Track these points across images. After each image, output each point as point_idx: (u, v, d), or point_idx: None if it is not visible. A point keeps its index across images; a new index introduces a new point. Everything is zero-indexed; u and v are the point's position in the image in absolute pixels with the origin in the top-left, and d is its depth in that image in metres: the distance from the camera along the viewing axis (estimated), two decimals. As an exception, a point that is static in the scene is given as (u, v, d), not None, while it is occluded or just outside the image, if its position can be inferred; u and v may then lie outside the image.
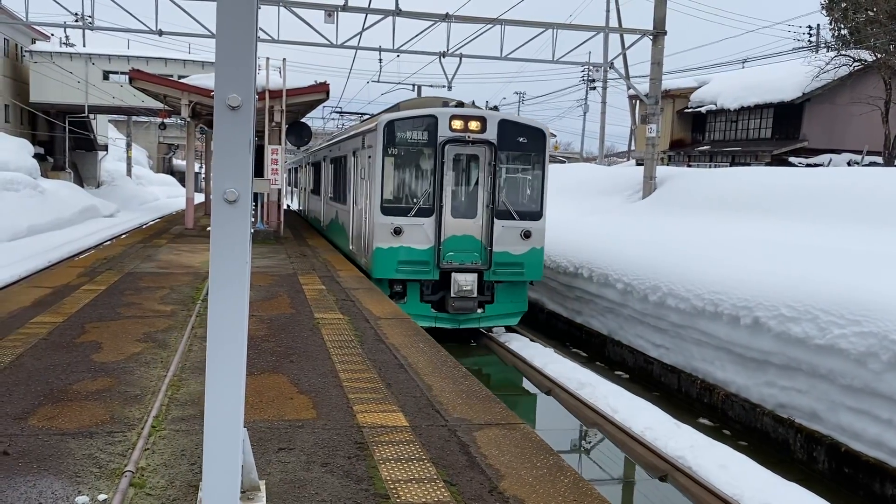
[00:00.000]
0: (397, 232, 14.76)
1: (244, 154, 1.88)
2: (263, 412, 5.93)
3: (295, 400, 6.31)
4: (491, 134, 14.89)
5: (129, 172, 58.96)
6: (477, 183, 15.15)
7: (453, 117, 14.80)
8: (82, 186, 45.51)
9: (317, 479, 4.68)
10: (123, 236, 25.67)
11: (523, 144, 15.21)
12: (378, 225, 14.90)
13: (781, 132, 38.52)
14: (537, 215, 15.41)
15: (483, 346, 16.22)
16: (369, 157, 15.67)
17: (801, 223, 15.65)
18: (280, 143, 22.09)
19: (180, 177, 79.78)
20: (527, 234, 15.19)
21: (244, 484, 4.06)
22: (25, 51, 44.91)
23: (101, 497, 4.31)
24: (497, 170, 14.92)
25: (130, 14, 22.92)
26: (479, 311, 15.40)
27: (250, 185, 1.92)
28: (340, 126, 37.68)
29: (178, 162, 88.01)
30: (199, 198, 38.42)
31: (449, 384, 6.94)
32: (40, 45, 45.63)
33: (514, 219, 15.16)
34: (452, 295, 14.93)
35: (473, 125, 14.82)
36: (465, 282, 14.89)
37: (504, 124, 15.06)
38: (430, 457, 5.12)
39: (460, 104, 15.92)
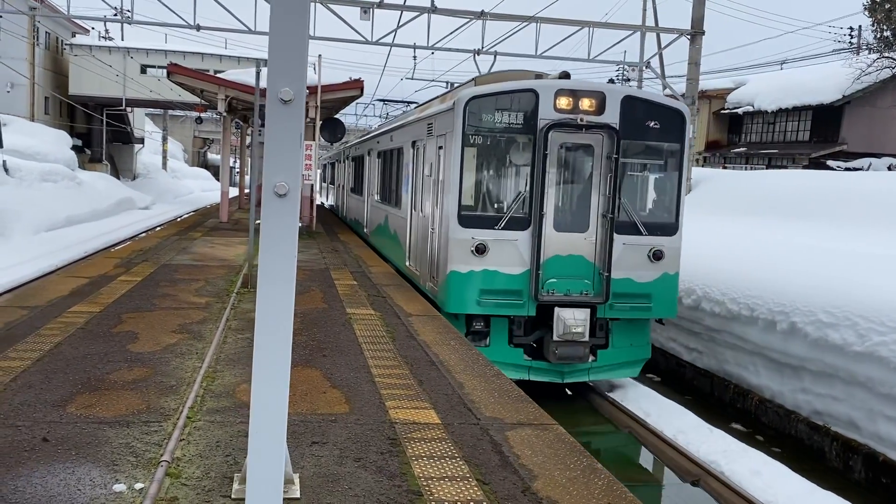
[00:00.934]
0: (480, 250, 10.89)
1: (295, 148, 1.88)
2: (297, 406, 5.96)
3: (328, 394, 6.33)
4: (611, 116, 10.98)
5: (164, 165, 59.72)
6: (590, 183, 11.21)
7: (560, 93, 10.91)
8: (118, 178, 46.20)
9: (350, 474, 4.69)
10: (158, 228, 26.00)
11: (655, 131, 11.27)
12: (454, 241, 11.01)
13: (819, 135, 37.94)
14: (671, 229, 11.39)
15: (582, 397, 12.56)
16: (440, 147, 12.04)
17: (843, 228, 15.39)
18: (314, 140, 22.21)
19: (214, 171, 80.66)
20: (657, 255, 11.22)
21: (278, 477, 4.08)
22: (66, 44, 45.66)
23: (138, 486, 4.36)
24: (619, 165, 10.96)
25: (169, 8, 23.21)
26: (591, 358, 11.48)
27: (300, 178, 1.92)
28: (383, 116, 34.17)
29: (213, 156, 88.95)
30: (234, 192, 38.80)
31: (481, 382, 6.92)
32: (80, 39, 46.38)
33: (641, 233, 11.18)
34: (556, 338, 10.92)
35: (587, 104, 10.92)
36: (573, 320, 10.86)
37: (630, 103, 11.13)
38: (462, 455, 5.11)
39: (565, 75, 11.61)
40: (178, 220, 30.82)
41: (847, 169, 31.98)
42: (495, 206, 11.31)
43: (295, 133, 1.88)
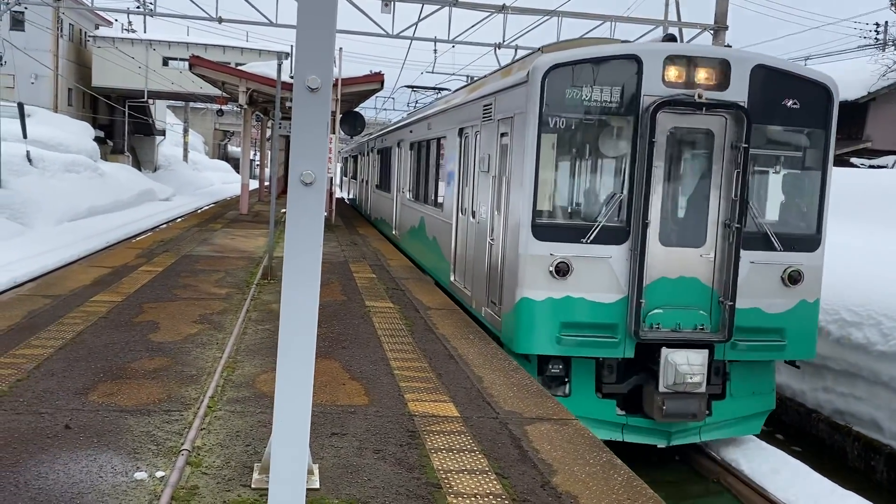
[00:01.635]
0: (561, 271, 8.18)
1: (322, 136, 1.87)
2: (316, 396, 5.96)
3: (347, 386, 6.34)
4: (738, 91, 8.28)
5: (185, 157, 60.12)
6: (708, 183, 8.48)
7: (672, 60, 8.26)
8: (140, 170, 46.57)
9: (369, 466, 4.70)
10: (179, 220, 26.20)
11: (794, 113, 8.54)
12: (526, 258, 8.26)
13: (843, 132, 37.52)
14: (812, 242, 8.67)
15: (686, 461, 9.69)
16: (503, 134, 9.25)
17: (869, 225, 15.11)
18: (334, 133, 22.26)
19: (234, 163, 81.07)
20: (793, 278, 8.51)
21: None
22: (89, 36, 46.03)
23: (159, 474, 4.38)
24: (748, 158, 8.24)
25: (192, 1, 23.30)
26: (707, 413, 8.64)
27: (326, 167, 1.90)
28: (412, 105, 29.29)
29: (233, 148, 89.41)
30: (254, 184, 38.99)
31: (500, 377, 6.91)
32: (103, 31, 46.76)
33: (774, 248, 8.46)
34: (663, 388, 8.21)
35: (706, 75, 8.27)
36: (686, 365, 8.12)
37: (763, 74, 8.38)
38: (481, 448, 5.10)
39: (671, 38, 9.60)
40: (199, 211, 31.03)
41: (871, 166, 31.63)
42: (581, 212, 8.59)
43: (322, 121, 1.87)
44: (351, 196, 40.00)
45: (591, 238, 8.17)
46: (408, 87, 27.34)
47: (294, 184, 1.90)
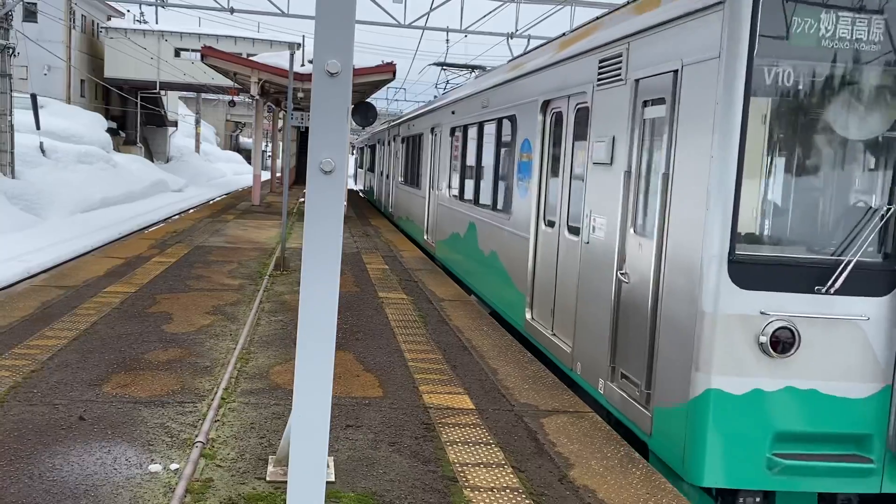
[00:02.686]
0: (783, 344, 4.75)
1: (342, 123, 1.81)
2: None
3: (361, 377, 6.30)
4: None
5: (197, 149, 60.23)
6: None
7: None
8: (152, 161, 46.68)
9: (385, 458, 4.65)
10: (192, 211, 26.25)
11: None
12: (718, 318, 4.76)
13: None
14: None
15: None
16: (652, 103, 5.76)
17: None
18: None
19: (246, 154, 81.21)
20: None
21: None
22: (101, 27, 46.10)
23: (174, 466, 4.35)
24: None
25: (203, -9, 23.27)
26: None
27: (346, 155, 1.85)
28: (441, 86, 24.18)
29: (245, 139, 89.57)
30: (265, 176, 39.01)
31: (514, 368, 6.85)
32: (115, 22, 46.83)
33: None
34: None
35: None
36: None
37: None
38: (497, 441, 5.05)
39: None
40: (211, 202, 31.08)
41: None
42: (813, 239, 4.96)
43: (342, 107, 1.82)
44: (366, 189, 37.45)
45: (836, 286, 4.67)
46: (437, 64, 22.69)
47: (313, 172, 1.84)
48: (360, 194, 38.03)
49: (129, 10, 47.17)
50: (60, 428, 4.85)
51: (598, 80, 6.57)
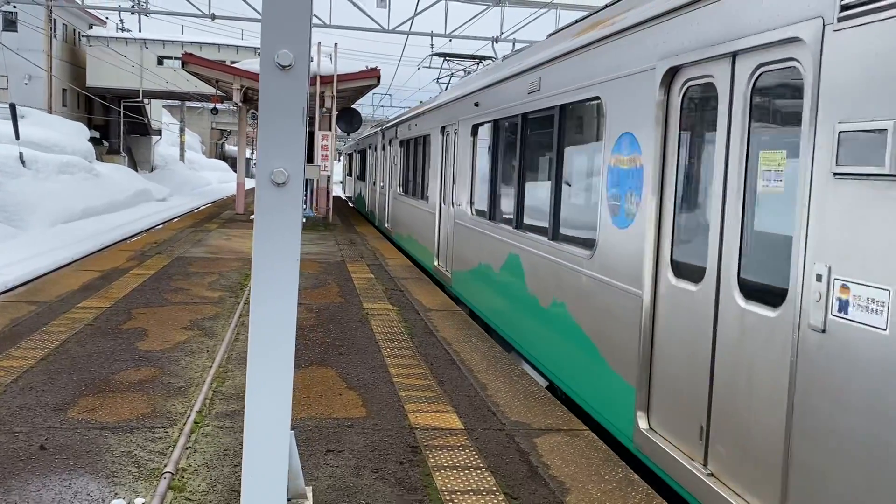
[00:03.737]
0: None
1: (297, 126, 1.51)
2: (311, 409, 5.62)
3: (344, 396, 5.98)
4: None
5: (181, 157, 59.68)
6: None
7: None
8: (136, 170, 46.17)
9: (368, 487, 4.34)
10: (175, 220, 25.85)
11: None
12: None
13: None
14: None
15: None
16: None
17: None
18: (331, 130, 21.88)
19: (232, 162, 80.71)
20: None
21: (289, 491, 3.72)
22: (83, 36, 45.60)
23: (138, 501, 4.03)
24: None
25: (184, -2, 22.94)
26: None
27: (303, 163, 1.55)
28: (442, 81, 20.87)
29: (231, 147, 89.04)
30: (250, 183, 38.57)
31: (504, 383, 6.55)
32: (97, 31, 46.32)
33: None
34: None
35: None
36: None
37: None
38: (487, 465, 4.74)
39: None
40: (195, 211, 30.68)
41: None
42: None
43: (296, 107, 1.50)
44: (355, 199, 34.01)
45: None
46: (439, 55, 19.85)
47: (263, 185, 1.53)
48: (350, 203, 36.03)
49: (107, 18, 46.63)
50: (19, 459, 4.51)
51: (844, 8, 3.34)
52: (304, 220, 21.19)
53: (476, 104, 10.10)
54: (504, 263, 8.53)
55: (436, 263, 12.75)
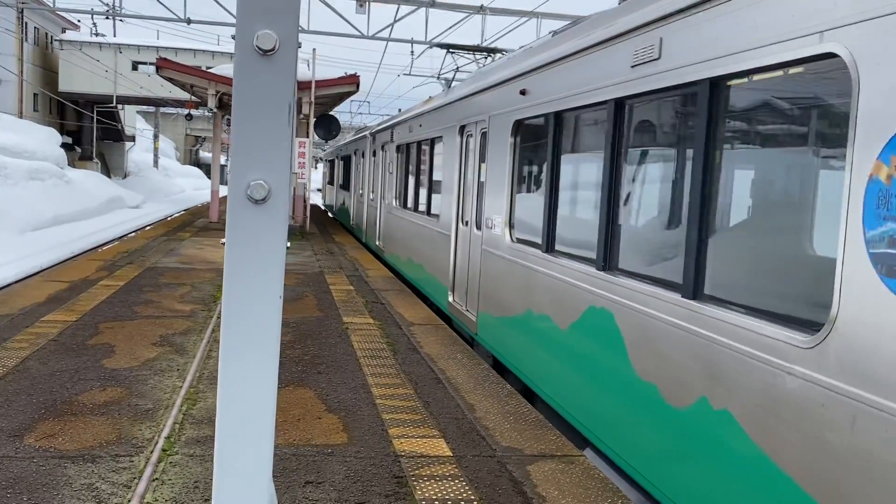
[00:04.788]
0: None
1: (280, 126, 1.18)
2: (289, 434, 5.25)
3: (323, 420, 5.62)
4: None
5: (155, 164, 58.84)
6: None
7: None
8: (109, 177, 45.36)
9: (350, 525, 3.99)
10: (148, 228, 25.28)
11: None
12: None
13: None
14: None
15: None
16: None
17: None
18: (307, 136, 21.49)
19: (207, 169, 79.77)
20: None
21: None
22: (55, 40, 44.80)
23: (98, 543, 3.65)
24: None
25: (159, 2, 22.46)
26: None
27: (289, 174, 1.22)
28: (443, 79, 18.33)
29: (205, 154, 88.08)
30: (224, 191, 37.99)
31: (493, 404, 6.23)
32: (70, 35, 45.54)
33: None
34: None
35: None
36: None
37: None
38: (479, 497, 4.41)
39: None
40: (168, 219, 30.08)
41: None
42: None
43: (280, 103, 1.18)
44: (336, 210, 31.15)
45: None
46: (441, 46, 16.97)
47: (236, 201, 1.20)
48: (330, 214, 33.64)
49: (79, 21, 45.89)
50: (-34, 494, 4.11)
51: None
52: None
53: (523, 92, 7.33)
54: (579, 321, 5.81)
55: (451, 299, 9.88)
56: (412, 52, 25.17)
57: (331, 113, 26.70)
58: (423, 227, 11.90)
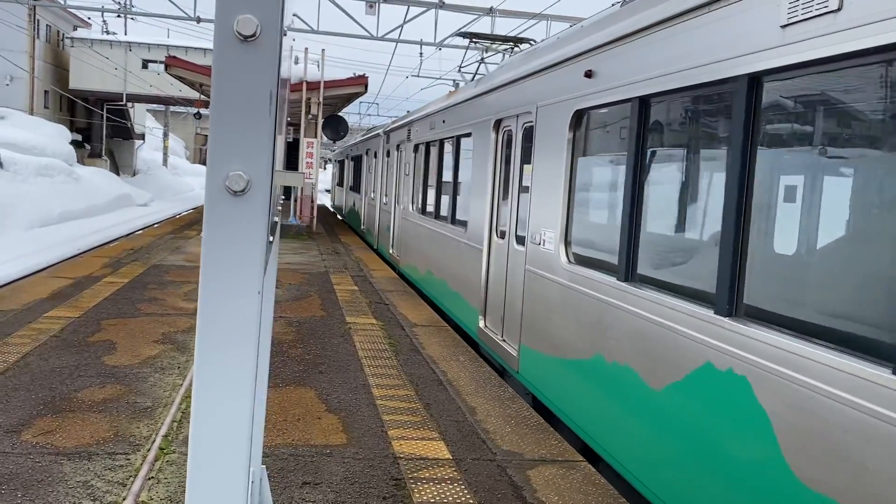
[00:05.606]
0: None
1: (261, 115, 1.13)
2: (288, 434, 5.21)
3: (323, 420, 5.58)
4: None
5: (165, 162, 59.00)
6: None
7: None
8: (118, 174, 45.49)
9: (346, 527, 3.95)
10: (155, 226, 25.33)
11: None
12: None
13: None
14: None
15: None
16: None
17: None
18: (316, 137, 21.49)
19: (216, 168, 79.87)
20: None
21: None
22: (67, 37, 44.99)
23: (90, 542, 3.62)
24: None
25: (170, 0, 22.51)
26: None
27: (270, 165, 1.17)
28: (462, 73, 17.08)
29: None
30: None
31: (495, 407, 6.17)
32: (81, 32, 45.72)
33: None
34: None
35: None
36: None
37: None
38: (477, 501, 4.36)
39: None
40: (176, 217, 30.15)
41: None
42: None
43: (261, 91, 1.13)
44: (346, 213, 29.77)
45: None
46: (464, 35, 15.51)
47: (214, 193, 1.15)
48: (339, 217, 32.47)
49: (90, 18, 46.06)
50: (-39, 490, 4.08)
51: None
52: (287, 227, 20.73)
53: (588, 74, 5.84)
54: (685, 382, 4.21)
55: (482, 325, 8.50)
56: (421, 53, 25.16)
57: (339, 114, 26.71)
58: (447, 237, 10.49)
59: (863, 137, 3.32)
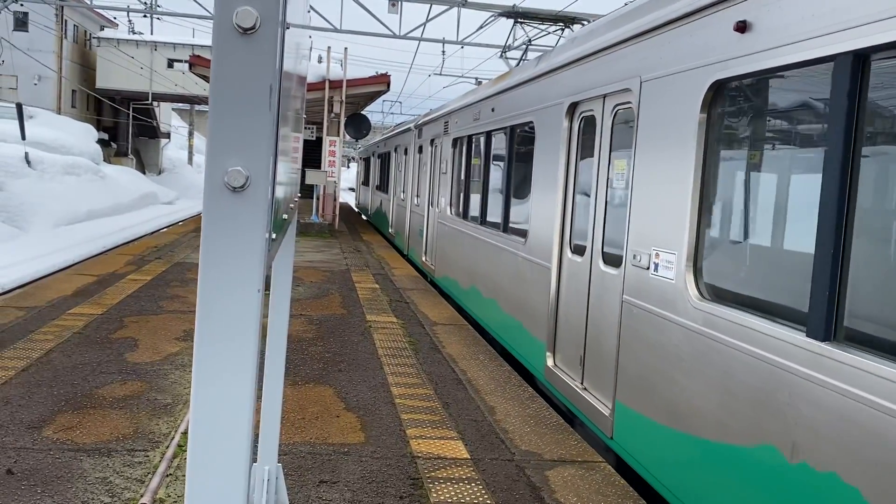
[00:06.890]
0: None
1: (260, 110, 1.11)
2: (306, 432, 5.21)
3: (342, 418, 5.57)
4: None
5: (190, 161, 59.48)
6: None
7: None
8: (144, 173, 45.94)
9: (362, 526, 3.93)
10: (179, 224, 25.53)
11: None
12: None
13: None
14: None
15: None
16: None
17: None
18: (339, 135, 21.55)
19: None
20: None
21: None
22: (93, 37, 45.49)
23: (107, 538, 3.63)
24: None
25: (196, 1, 22.65)
26: None
27: (271, 161, 1.14)
28: (510, 55, 15.23)
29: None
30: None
31: (514, 407, 6.13)
32: (108, 32, 46.21)
33: None
34: None
35: None
36: None
37: None
38: (495, 501, 4.32)
39: None
40: (200, 215, 30.41)
41: None
42: None
43: (261, 85, 1.11)
44: (371, 214, 28.35)
45: None
46: (508, 15, 13.75)
47: (212, 189, 1.13)
48: (364, 217, 31.10)
49: (115, 18, 46.50)
50: (-18, 485, 4.12)
51: None
52: (310, 225, 20.79)
53: (741, 27, 3.97)
54: None
55: (551, 363, 6.78)
56: (443, 51, 25.13)
57: (362, 112, 26.76)
58: (498, 248, 8.82)
59: None
